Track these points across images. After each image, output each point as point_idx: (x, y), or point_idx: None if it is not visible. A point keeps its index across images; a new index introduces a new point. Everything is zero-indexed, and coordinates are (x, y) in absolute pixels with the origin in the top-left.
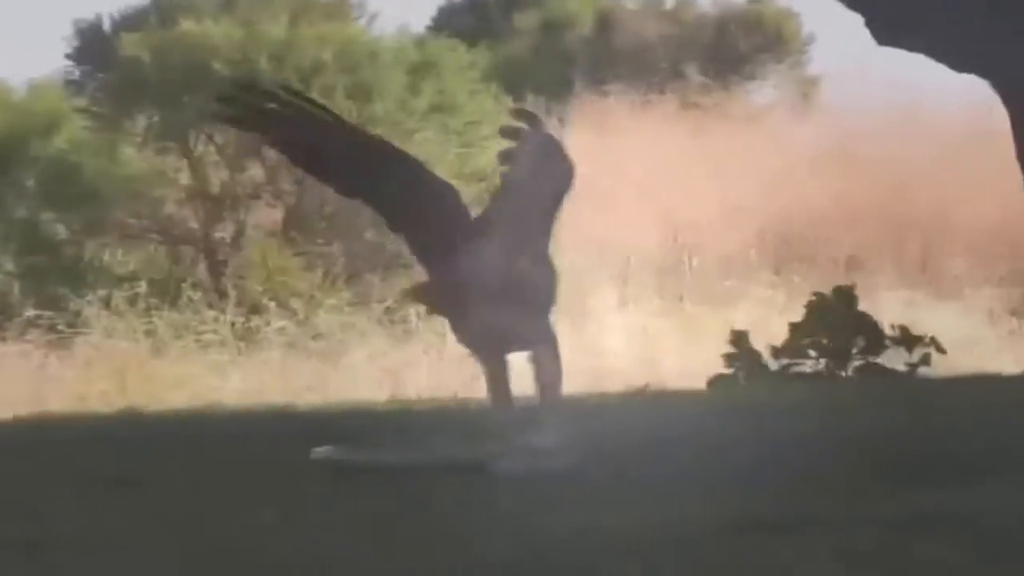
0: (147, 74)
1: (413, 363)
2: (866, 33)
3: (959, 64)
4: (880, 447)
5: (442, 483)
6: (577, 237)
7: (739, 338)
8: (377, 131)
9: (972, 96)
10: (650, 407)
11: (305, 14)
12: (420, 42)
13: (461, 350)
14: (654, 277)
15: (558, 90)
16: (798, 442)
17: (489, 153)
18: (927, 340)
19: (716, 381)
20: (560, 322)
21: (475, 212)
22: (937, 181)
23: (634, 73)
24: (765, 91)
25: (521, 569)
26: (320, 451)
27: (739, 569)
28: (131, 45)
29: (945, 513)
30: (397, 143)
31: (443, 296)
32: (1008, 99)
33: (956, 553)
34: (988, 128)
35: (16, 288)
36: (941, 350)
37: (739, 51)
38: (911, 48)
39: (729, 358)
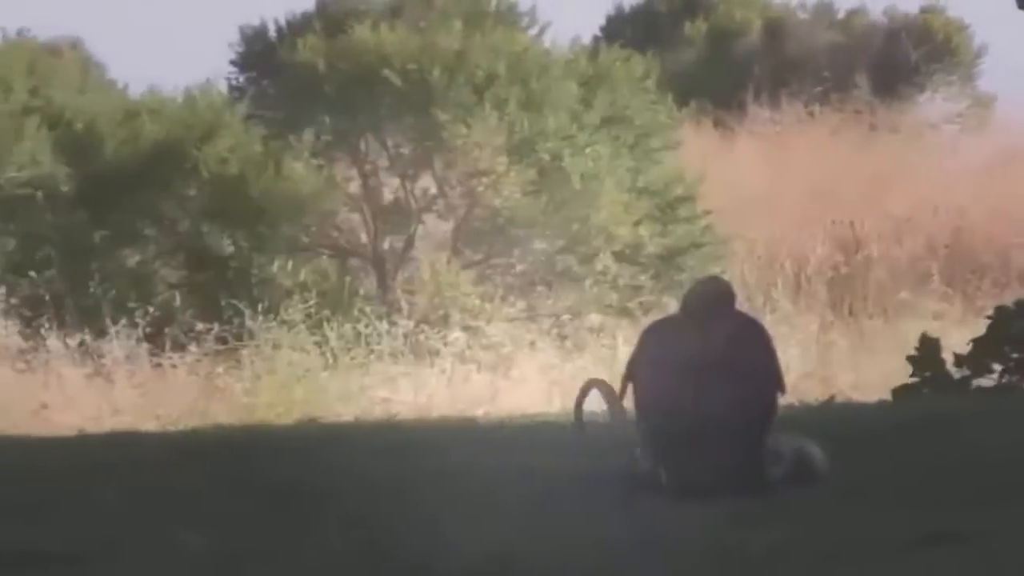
0: (320, 80)
1: (584, 376)
2: None
3: None
4: None
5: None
6: (748, 247)
7: (929, 344)
8: (548, 145)
9: None
10: (838, 417)
11: (477, 21)
12: (593, 53)
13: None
14: (824, 288)
15: (727, 99)
16: (988, 453)
17: (661, 167)
18: None
19: (901, 391)
20: None
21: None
22: None
23: (803, 82)
24: (936, 103)
25: None
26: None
27: None
28: (305, 51)
29: None
30: (568, 156)
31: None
32: None
33: None
34: None
35: (177, 299)
36: None
37: (909, 62)
38: None
39: (915, 362)
